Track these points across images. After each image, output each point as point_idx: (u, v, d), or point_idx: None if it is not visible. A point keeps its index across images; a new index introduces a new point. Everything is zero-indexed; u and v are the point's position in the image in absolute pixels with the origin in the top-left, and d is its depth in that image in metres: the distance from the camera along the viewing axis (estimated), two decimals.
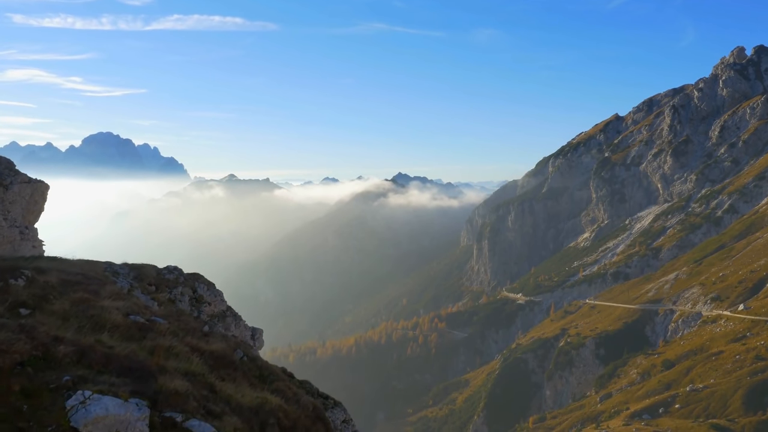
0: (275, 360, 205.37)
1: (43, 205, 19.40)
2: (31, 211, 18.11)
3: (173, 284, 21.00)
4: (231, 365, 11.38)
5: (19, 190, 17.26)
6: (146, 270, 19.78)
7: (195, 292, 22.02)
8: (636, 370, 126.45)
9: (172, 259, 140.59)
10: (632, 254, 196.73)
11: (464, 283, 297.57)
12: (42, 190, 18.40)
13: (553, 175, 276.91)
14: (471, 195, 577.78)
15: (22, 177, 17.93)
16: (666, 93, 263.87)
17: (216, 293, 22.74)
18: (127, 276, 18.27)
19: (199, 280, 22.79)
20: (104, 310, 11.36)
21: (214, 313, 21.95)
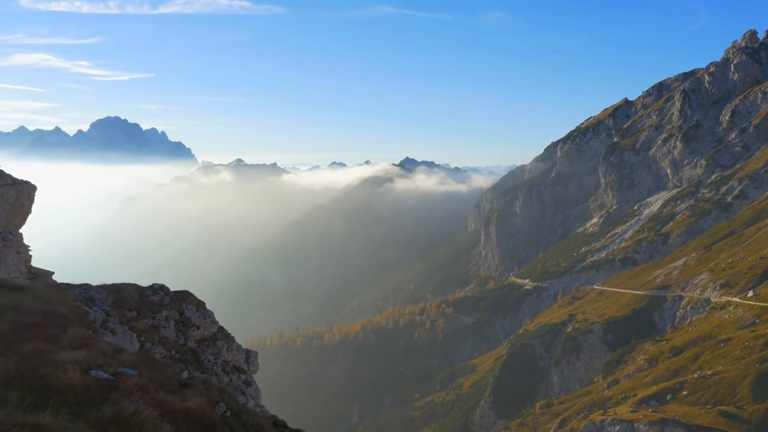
0: (282, 345, 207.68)
1: (29, 207, 17.50)
2: (16, 215, 16.50)
3: (157, 307, 19.00)
4: (209, 428, 9.69)
5: (2, 194, 15.56)
6: (127, 293, 17.94)
7: (182, 315, 20.18)
8: (644, 357, 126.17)
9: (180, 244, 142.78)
10: (641, 240, 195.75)
11: (471, 269, 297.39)
12: (28, 191, 16.84)
13: (562, 160, 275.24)
14: (479, 180, 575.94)
15: (5, 179, 16.11)
16: (676, 77, 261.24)
17: (205, 314, 20.98)
18: (105, 302, 16.57)
19: (187, 300, 20.98)
20: (59, 366, 9.51)
21: (203, 337, 20.17)
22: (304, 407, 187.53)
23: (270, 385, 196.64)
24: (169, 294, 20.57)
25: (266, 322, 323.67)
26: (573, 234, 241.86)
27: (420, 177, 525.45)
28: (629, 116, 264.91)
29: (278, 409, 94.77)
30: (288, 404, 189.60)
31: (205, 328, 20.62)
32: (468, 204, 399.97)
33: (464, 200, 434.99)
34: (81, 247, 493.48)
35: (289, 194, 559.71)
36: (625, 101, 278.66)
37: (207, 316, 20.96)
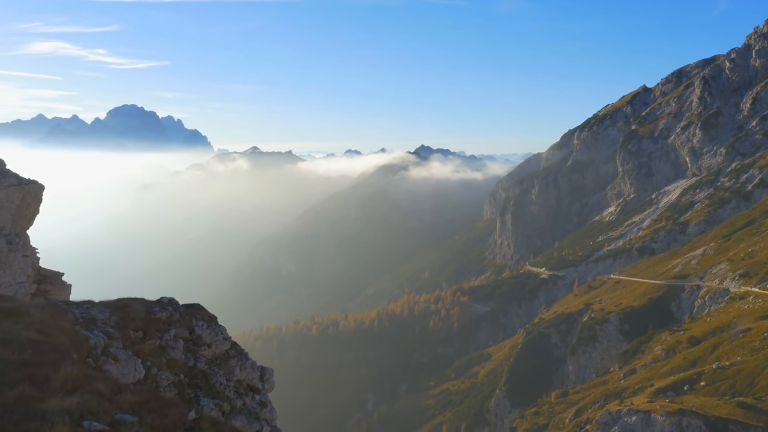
0: (298, 333, 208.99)
1: (37, 207, 16.52)
2: (22, 216, 15.56)
3: (165, 325, 17.47)
4: None
5: (6, 196, 14.65)
6: (132, 310, 16.44)
7: (192, 332, 18.56)
8: (661, 347, 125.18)
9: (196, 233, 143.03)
10: (658, 229, 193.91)
11: (487, 257, 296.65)
12: (35, 191, 15.63)
13: (579, 148, 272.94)
14: (494, 167, 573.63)
15: (9, 180, 15.24)
16: (696, 64, 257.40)
17: (217, 331, 19.58)
18: (108, 322, 15.24)
19: (198, 316, 19.35)
20: (47, 420, 8.31)
21: (215, 355, 18.82)
22: (320, 394, 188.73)
23: (286, 373, 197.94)
24: (178, 309, 18.75)
25: (282, 309, 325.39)
26: (590, 223, 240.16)
27: (435, 165, 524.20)
28: (648, 104, 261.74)
29: (294, 396, 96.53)
30: (304, 391, 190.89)
31: (217, 346, 19.14)
32: (483, 192, 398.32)
33: (480, 188, 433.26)
34: (99, 236, 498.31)
35: (304, 182, 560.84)
36: (644, 88, 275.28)
37: (219, 332, 19.37)
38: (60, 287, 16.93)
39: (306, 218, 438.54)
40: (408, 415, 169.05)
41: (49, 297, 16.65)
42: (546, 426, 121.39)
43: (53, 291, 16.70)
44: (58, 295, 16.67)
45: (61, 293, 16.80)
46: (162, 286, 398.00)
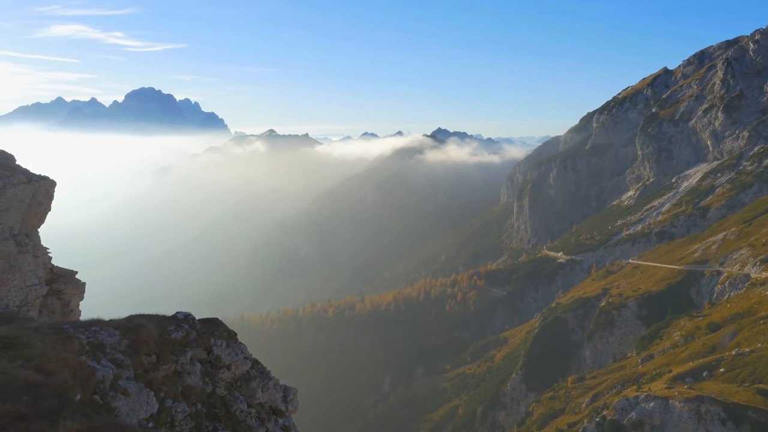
0: (314, 315, 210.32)
1: (48, 204, 15.42)
2: (33, 214, 14.61)
3: (181, 347, 15.95)
4: None
5: (15, 194, 13.67)
6: (145, 332, 14.88)
7: (210, 353, 16.96)
8: (679, 332, 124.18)
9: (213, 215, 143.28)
10: (678, 213, 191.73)
11: (504, 241, 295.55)
12: (46, 188, 14.80)
13: (598, 131, 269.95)
14: (512, 150, 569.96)
15: (19, 177, 14.16)
16: (719, 45, 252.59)
17: (237, 349, 17.96)
18: (118, 347, 13.83)
19: (216, 333, 17.65)
20: None
21: (234, 377, 17.40)
22: (336, 376, 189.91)
23: (302, 355, 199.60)
24: (195, 327, 17.01)
25: (298, 292, 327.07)
26: (608, 207, 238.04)
27: (452, 148, 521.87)
28: (669, 86, 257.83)
29: (311, 377, 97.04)
30: (320, 373, 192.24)
31: (237, 367, 17.65)
32: (500, 175, 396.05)
33: (497, 171, 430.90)
34: (117, 219, 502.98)
35: (321, 165, 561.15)
36: (665, 70, 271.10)
37: (239, 351, 17.83)
38: (73, 286, 16.27)
39: (322, 201, 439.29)
40: (424, 397, 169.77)
41: (62, 297, 15.98)
42: (562, 410, 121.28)
43: (66, 290, 16.02)
44: (72, 294, 16.06)
45: (74, 293, 16.16)
46: (179, 269, 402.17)
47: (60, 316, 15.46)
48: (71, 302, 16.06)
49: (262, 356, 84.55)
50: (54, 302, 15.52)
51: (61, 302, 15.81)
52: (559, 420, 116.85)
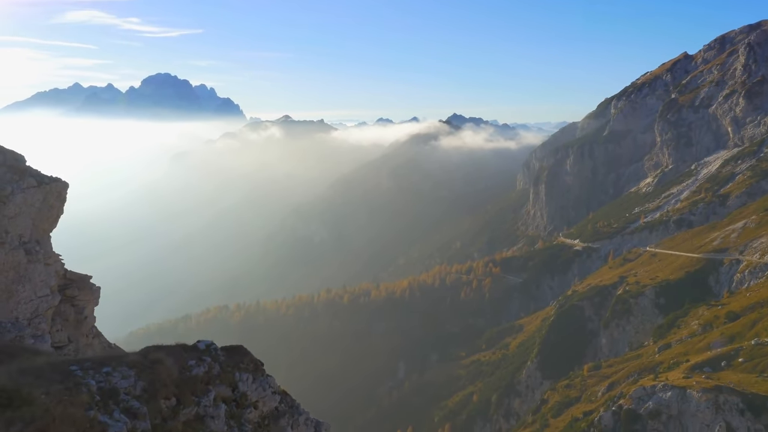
0: (329, 302, 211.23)
1: (61, 207, 14.41)
2: (44, 219, 13.73)
3: (204, 384, 14.14)
4: None
5: (25, 199, 12.73)
6: (163, 370, 13.07)
7: (235, 390, 15.06)
8: (697, 321, 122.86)
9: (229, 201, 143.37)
10: (697, 201, 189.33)
11: (519, 228, 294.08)
12: (58, 190, 13.93)
13: (616, 118, 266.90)
14: (528, 137, 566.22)
15: (29, 181, 13.15)
16: (741, 29, 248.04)
17: (264, 383, 16.20)
18: (132, 391, 12.22)
19: (242, 366, 15.74)
20: None
21: (262, 415, 15.70)
22: (351, 362, 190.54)
23: (317, 340, 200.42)
24: (218, 359, 15.05)
25: (313, 278, 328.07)
26: (626, 194, 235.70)
27: (467, 134, 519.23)
28: (689, 71, 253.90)
29: (325, 364, 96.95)
30: (335, 359, 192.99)
31: (265, 403, 15.89)
32: (517, 161, 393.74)
33: (513, 158, 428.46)
34: (134, 205, 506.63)
35: (336, 151, 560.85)
36: (685, 55, 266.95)
37: (266, 385, 16.06)
38: (87, 292, 15.35)
39: (337, 187, 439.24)
40: (439, 384, 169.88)
41: (76, 303, 15.14)
42: (578, 399, 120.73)
43: (80, 296, 15.13)
44: (86, 300, 15.21)
45: (88, 298, 15.30)
46: (195, 255, 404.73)
47: (74, 323, 14.61)
48: (85, 309, 15.05)
49: (277, 342, 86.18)
50: (67, 309, 14.59)
51: (74, 309, 14.80)
52: (575, 408, 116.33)
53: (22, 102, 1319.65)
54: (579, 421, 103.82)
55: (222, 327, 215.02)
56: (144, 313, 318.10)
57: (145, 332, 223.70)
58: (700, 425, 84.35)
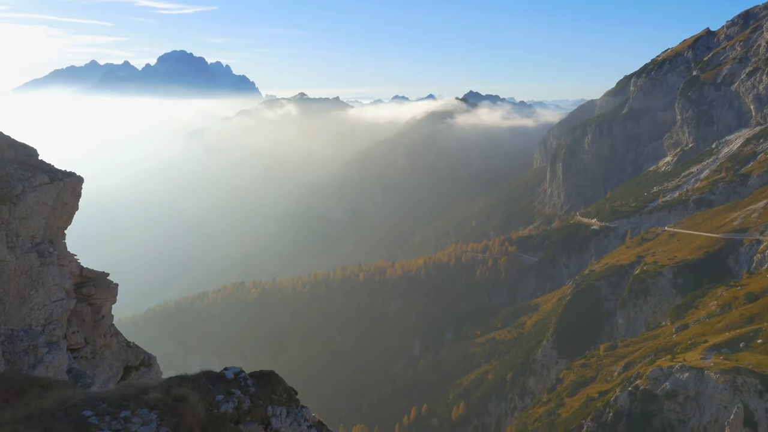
0: (345, 279, 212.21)
1: (75, 203, 13.56)
2: (58, 217, 12.92)
3: (234, 423, 12.16)
4: None
5: (37, 198, 11.89)
6: (188, 410, 11.26)
7: (268, 427, 13.10)
8: (716, 302, 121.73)
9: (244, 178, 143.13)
10: (718, 180, 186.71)
11: (536, 206, 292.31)
12: (72, 186, 13.01)
13: (635, 95, 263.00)
14: (545, 114, 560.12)
15: (41, 178, 12.27)
16: (765, 5, 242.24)
17: (299, 416, 14.15)
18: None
19: (274, 397, 13.68)
20: None
21: None
22: (366, 340, 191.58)
23: (333, 318, 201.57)
24: (248, 390, 12.97)
25: (329, 255, 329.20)
26: (644, 173, 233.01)
27: (484, 111, 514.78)
28: (711, 48, 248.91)
29: (341, 341, 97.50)
30: (350, 337, 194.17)
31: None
32: (533, 139, 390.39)
33: (530, 135, 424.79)
34: (151, 182, 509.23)
35: (352, 129, 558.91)
36: (707, 32, 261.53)
37: (301, 419, 14.07)
38: (104, 290, 14.51)
39: (353, 165, 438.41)
40: (454, 362, 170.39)
41: (93, 302, 14.44)
42: (593, 378, 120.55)
43: (97, 295, 14.36)
44: (103, 299, 14.47)
45: (106, 296, 14.55)
46: (211, 232, 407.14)
47: (91, 324, 13.94)
48: (103, 308, 14.24)
49: (293, 319, 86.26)
50: (84, 309, 13.80)
51: (91, 308, 13.94)
52: (590, 388, 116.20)
53: (40, 79, 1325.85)
54: (595, 401, 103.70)
55: (239, 304, 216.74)
56: (161, 290, 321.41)
57: (163, 308, 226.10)
58: (718, 406, 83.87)
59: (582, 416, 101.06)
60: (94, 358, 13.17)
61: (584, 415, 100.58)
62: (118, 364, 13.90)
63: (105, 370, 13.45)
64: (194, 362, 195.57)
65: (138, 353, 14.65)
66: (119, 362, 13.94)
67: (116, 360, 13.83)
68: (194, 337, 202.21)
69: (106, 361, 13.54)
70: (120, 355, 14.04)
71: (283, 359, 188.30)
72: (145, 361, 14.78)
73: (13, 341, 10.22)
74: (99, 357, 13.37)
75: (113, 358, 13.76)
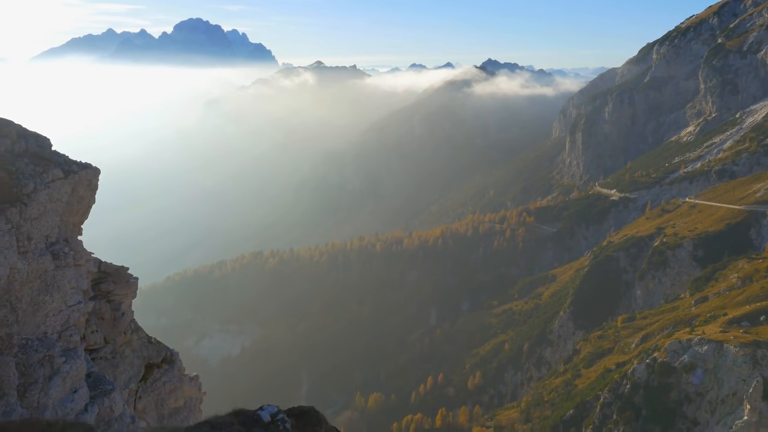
0: (362, 249, 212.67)
1: (92, 197, 12.60)
2: (74, 213, 12.08)
3: None
4: None
5: (50, 195, 10.96)
6: None
7: None
8: (737, 275, 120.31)
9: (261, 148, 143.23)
10: (741, 151, 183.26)
11: (554, 177, 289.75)
12: (88, 178, 12.05)
13: (658, 63, 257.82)
14: (565, 83, 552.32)
15: (54, 173, 11.28)
16: None
17: None
18: None
19: None
20: None
21: None
22: (383, 309, 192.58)
23: (350, 288, 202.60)
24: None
25: (345, 224, 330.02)
26: (666, 143, 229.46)
27: (502, 80, 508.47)
28: (737, 14, 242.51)
29: (358, 310, 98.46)
30: (368, 306, 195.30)
31: None
32: (553, 108, 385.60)
33: (549, 104, 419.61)
34: (168, 151, 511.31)
35: (369, 97, 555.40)
36: None
37: None
38: (124, 285, 13.84)
39: (370, 134, 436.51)
40: (470, 332, 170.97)
41: (112, 299, 13.79)
42: (610, 350, 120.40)
43: (116, 291, 13.72)
44: (122, 295, 13.84)
45: (125, 292, 13.91)
46: (228, 201, 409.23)
47: (110, 322, 13.36)
48: (122, 305, 13.62)
49: (311, 289, 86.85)
50: (103, 306, 13.14)
51: (110, 305, 13.37)
52: (607, 359, 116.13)
53: (57, 48, 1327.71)
54: (611, 372, 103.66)
55: (256, 273, 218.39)
56: (180, 259, 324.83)
57: (182, 277, 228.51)
58: (736, 380, 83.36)
59: (598, 388, 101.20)
60: (114, 358, 12.72)
61: (601, 386, 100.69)
62: (139, 362, 13.54)
63: (126, 369, 13.09)
64: (212, 329, 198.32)
65: (159, 349, 14.29)
66: (140, 360, 13.57)
67: (137, 358, 13.46)
68: (212, 304, 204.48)
69: (127, 359, 13.16)
70: (141, 353, 13.67)
71: (300, 328, 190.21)
72: (167, 357, 14.44)
73: (27, 352, 9.47)
74: (119, 356, 12.96)
75: (134, 356, 13.39)
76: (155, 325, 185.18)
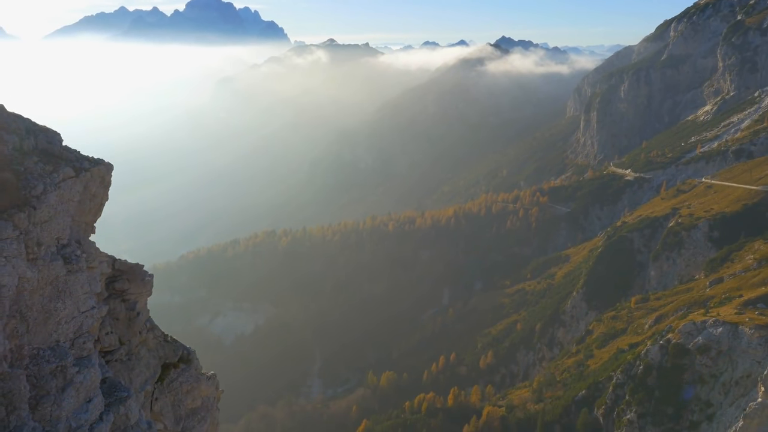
0: (375, 229, 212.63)
1: (105, 194, 11.95)
2: (86, 212, 11.44)
3: None
4: None
5: (60, 196, 10.33)
6: None
7: None
8: (753, 256, 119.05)
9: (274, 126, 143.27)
10: (759, 130, 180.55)
11: (568, 156, 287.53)
12: (101, 175, 11.40)
13: (675, 41, 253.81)
14: (580, 61, 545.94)
15: (65, 172, 10.62)
16: None
17: None
18: None
19: None
20: None
21: None
22: (396, 289, 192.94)
23: (363, 267, 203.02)
24: None
25: (358, 203, 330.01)
26: (682, 122, 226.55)
27: (516, 57, 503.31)
28: None
29: (371, 289, 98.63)
30: (380, 285, 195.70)
31: None
32: (567, 87, 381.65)
33: (563, 83, 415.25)
34: (180, 130, 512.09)
35: (382, 75, 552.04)
36: None
37: None
38: (139, 284, 13.25)
39: (383, 112, 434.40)
40: (483, 312, 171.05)
41: (126, 298, 13.28)
42: (623, 331, 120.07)
43: (131, 289, 13.20)
44: (137, 294, 13.30)
45: (140, 290, 13.35)
46: (240, 180, 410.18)
47: (125, 322, 12.87)
48: (137, 304, 13.21)
49: (323, 267, 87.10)
50: (117, 306, 12.65)
51: (125, 305, 13.00)
52: (620, 340, 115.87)
53: (70, 26, 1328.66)
54: (624, 353, 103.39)
55: (269, 251, 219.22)
56: (193, 237, 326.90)
57: (195, 255, 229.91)
58: (751, 362, 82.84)
59: (611, 368, 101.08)
60: (129, 360, 12.35)
61: (613, 367, 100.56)
62: (155, 363, 13.21)
63: (142, 371, 12.77)
64: (226, 307, 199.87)
65: (176, 348, 13.98)
66: (156, 360, 13.25)
67: (153, 358, 13.14)
68: (225, 283, 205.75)
69: (143, 360, 12.83)
70: (157, 352, 13.35)
71: (313, 307, 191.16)
72: (184, 356, 14.13)
73: (39, 363, 9.14)
74: (135, 357, 12.59)
75: (150, 356, 13.06)
76: (169, 302, 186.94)
